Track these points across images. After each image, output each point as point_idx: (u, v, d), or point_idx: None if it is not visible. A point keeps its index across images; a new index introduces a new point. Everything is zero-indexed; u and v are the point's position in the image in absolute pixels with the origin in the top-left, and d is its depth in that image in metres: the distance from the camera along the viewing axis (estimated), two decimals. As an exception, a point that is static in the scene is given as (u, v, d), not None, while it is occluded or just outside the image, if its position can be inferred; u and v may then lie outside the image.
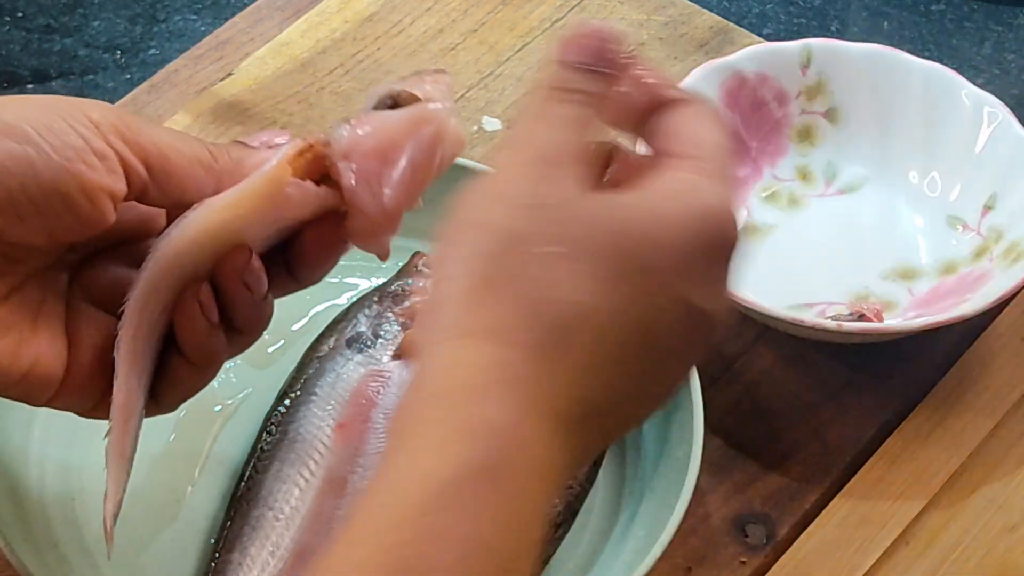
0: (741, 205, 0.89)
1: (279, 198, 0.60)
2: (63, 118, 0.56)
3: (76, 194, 0.56)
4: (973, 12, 2.12)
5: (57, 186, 0.56)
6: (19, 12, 2.10)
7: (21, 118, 0.56)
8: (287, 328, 0.80)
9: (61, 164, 0.55)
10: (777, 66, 0.89)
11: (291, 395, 0.74)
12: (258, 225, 0.60)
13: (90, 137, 0.56)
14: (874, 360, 0.83)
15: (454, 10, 1.00)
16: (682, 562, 0.75)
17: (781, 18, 2.13)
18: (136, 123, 0.58)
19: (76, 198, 0.56)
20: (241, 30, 0.99)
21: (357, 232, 0.62)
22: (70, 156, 0.56)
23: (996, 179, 0.85)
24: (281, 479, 0.71)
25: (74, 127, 0.56)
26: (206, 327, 0.60)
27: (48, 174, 0.55)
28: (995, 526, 0.77)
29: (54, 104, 0.57)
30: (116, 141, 0.57)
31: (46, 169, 0.55)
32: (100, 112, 0.57)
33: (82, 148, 0.56)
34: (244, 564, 0.69)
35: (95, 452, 0.75)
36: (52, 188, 0.55)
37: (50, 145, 0.55)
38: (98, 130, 0.57)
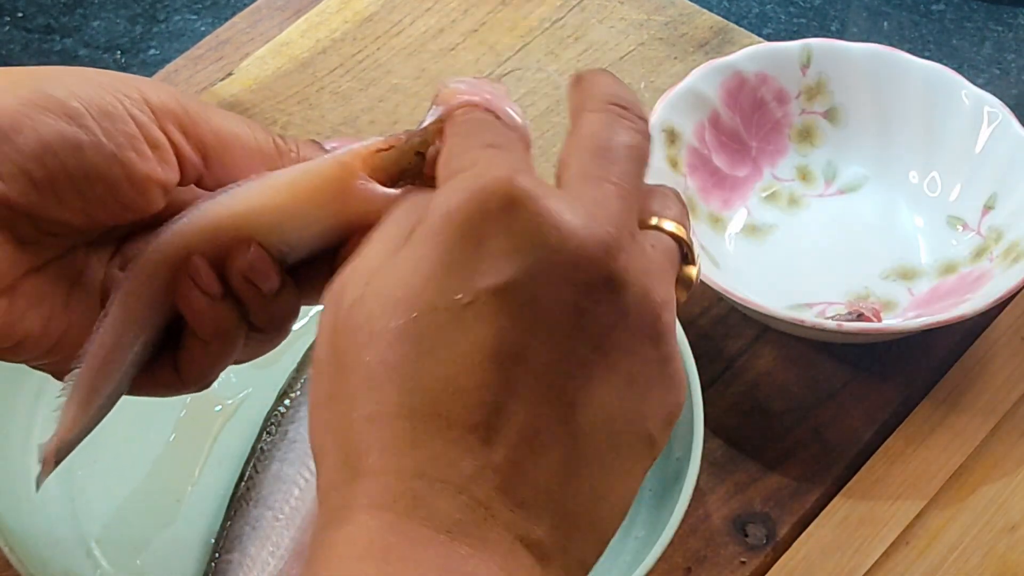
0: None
1: (335, 196, 0.56)
2: (119, 100, 0.54)
3: (122, 182, 0.54)
4: (973, 12, 2.13)
5: (103, 173, 0.53)
6: (19, 12, 2.10)
7: (74, 96, 0.53)
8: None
9: (111, 151, 0.53)
10: (777, 66, 0.89)
11: (291, 395, 0.74)
12: (298, 222, 0.57)
13: (146, 124, 0.54)
14: (874, 360, 0.83)
15: (454, 10, 1.00)
16: (682, 562, 0.75)
17: (781, 18, 2.13)
18: (197, 108, 0.56)
19: (122, 186, 0.54)
20: (241, 30, 0.99)
21: None
22: (121, 143, 0.53)
23: (996, 179, 0.85)
24: (281, 479, 0.71)
25: (130, 111, 0.54)
26: (207, 306, 0.56)
27: (96, 159, 0.53)
28: (995, 526, 0.77)
29: (112, 82, 0.54)
30: (173, 130, 0.55)
31: (95, 154, 0.53)
32: (160, 95, 0.55)
33: (135, 136, 0.54)
34: (244, 564, 0.69)
35: (95, 452, 0.76)
36: (97, 174, 0.53)
37: (102, 129, 0.53)
38: (155, 116, 0.54)
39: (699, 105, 0.87)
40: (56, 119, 0.52)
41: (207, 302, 0.56)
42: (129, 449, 0.76)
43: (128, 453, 0.76)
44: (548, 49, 0.98)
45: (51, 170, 0.53)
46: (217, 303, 0.56)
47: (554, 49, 0.98)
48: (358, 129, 0.93)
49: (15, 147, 0.52)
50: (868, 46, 0.89)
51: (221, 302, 0.56)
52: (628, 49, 0.98)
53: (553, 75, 0.93)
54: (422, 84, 0.96)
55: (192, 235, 0.56)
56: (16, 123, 0.52)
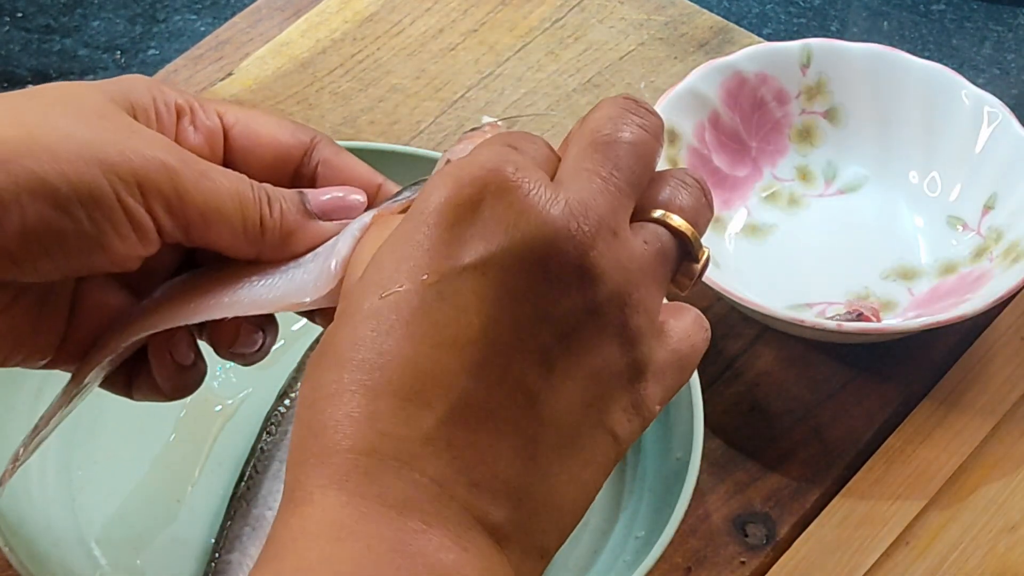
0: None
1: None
2: (111, 183, 0.53)
3: (101, 259, 0.54)
4: (973, 12, 2.12)
5: (82, 253, 0.54)
6: (19, 12, 2.10)
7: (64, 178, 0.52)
8: (287, 328, 0.80)
9: (93, 236, 0.53)
10: (777, 66, 0.89)
11: (291, 395, 0.74)
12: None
13: (132, 207, 0.53)
14: (874, 360, 0.83)
15: (454, 10, 1.00)
16: (682, 562, 0.75)
17: (781, 18, 2.13)
18: (189, 182, 0.54)
19: (100, 261, 0.54)
20: (241, 30, 0.99)
21: None
22: (105, 229, 0.53)
23: (996, 179, 0.85)
24: (281, 479, 0.71)
25: (119, 195, 0.53)
26: (175, 368, 0.58)
27: (77, 244, 0.53)
28: (995, 526, 0.77)
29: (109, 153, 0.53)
30: (159, 210, 0.54)
31: (75, 238, 0.53)
32: (150, 168, 0.53)
33: (120, 221, 0.53)
34: (244, 564, 0.69)
35: (95, 452, 0.76)
36: (77, 254, 0.54)
37: (87, 216, 0.52)
38: (144, 199, 0.53)
39: (699, 105, 0.87)
40: (43, 206, 0.52)
41: (175, 367, 0.58)
42: (129, 449, 0.76)
43: (128, 453, 0.76)
44: (548, 49, 0.98)
45: (31, 251, 0.53)
46: (184, 368, 0.58)
47: (554, 49, 0.98)
48: (358, 129, 0.93)
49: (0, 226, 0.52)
50: (868, 46, 0.89)
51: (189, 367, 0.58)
52: (628, 49, 0.98)
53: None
54: (422, 84, 0.96)
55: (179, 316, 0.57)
56: (4, 202, 0.51)
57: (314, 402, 0.45)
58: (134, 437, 0.76)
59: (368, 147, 0.84)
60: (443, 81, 0.96)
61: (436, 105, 0.95)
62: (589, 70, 0.97)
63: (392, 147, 0.85)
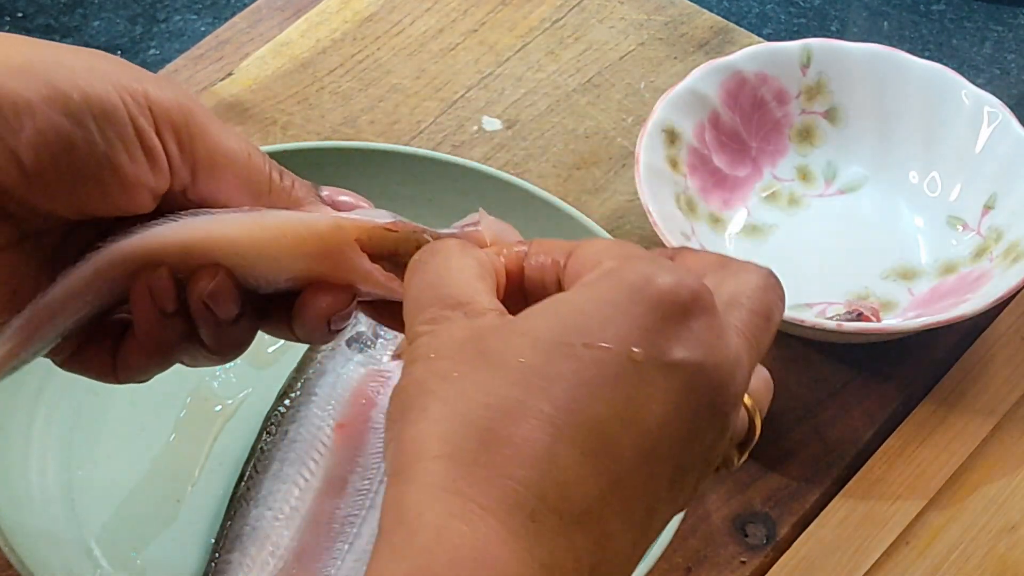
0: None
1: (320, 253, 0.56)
2: (123, 99, 0.54)
3: (111, 183, 0.54)
4: (973, 12, 2.13)
5: (93, 172, 0.54)
6: (19, 12, 2.10)
7: (79, 90, 0.53)
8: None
9: (103, 151, 0.53)
10: (777, 66, 0.89)
11: (291, 395, 0.74)
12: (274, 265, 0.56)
13: (143, 128, 0.54)
14: (874, 360, 0.83)
15: (454, 10, 1.00)
16: (682, 562, 0.75)
17: (781, 18, 2.13)
18: (200, 124, 0.55)
19: (111, 186, 0.54)
20: (241, 30, 0.99)
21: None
22: (115, 145, 0.53)
23: (996, 179, 0.85)
24: (281, 479, 0.71)
25: (131, 113, 0.54)
26: (156, 316, 0.56)
27: (87, 159, 0.53)
28: (995, 526, 0.77)
29: (122, 76, 0.54)
30: (169, 139, 0.55)
31: (87, 153, 0.53)
32: (165, 100, 0.55)
33: (130, 140, 0.54)
34: (244, 564, 0.69)
35: (95, 453, 0.76)
36: (87, 173, 0.54)
37: (98, 129, 0.53)
38: (155, 122, 0.54)
39: (699, 105, 0.87)
40: (56, 114, 0.53)
41: (156, 315, 0.56)
42: (129, 449, 0.76)
43: (128, 453, 0.76)
44: (548, 49, 0.98)
45: (42, 162, 0.53)
46: (166, 318, 0.56)
47: (554, 49, 0.98)
48: (358, 129, 0.93)
49: (12, 131, 0.52)
50: (868, 46, 0.89)
51: (170, 318, 0.56)
52: (628, 49, 0.98)
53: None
54: (422, 84, 0.96)
55: (168, 245, 0.56)
56: (18, 109, 0.52)
57: (485, 406, 0.45)
58: (134, 437, 0.76)
59: (368, 147, 0.84)
60: (443, 81, 0.96)
61: (436, 105, 0.95)
62: (589, 70, 0.97)
63: (392, 147, 0.85)
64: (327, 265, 0.56)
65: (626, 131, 0.93)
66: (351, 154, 0.83)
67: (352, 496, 0.70)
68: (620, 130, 0.94)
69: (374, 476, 0.71)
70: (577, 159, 0.92)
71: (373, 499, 0.70)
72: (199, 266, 0.56)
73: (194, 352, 0.58)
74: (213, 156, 0.56)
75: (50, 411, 0.76)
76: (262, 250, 0.56)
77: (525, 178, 0.86)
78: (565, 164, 0.92)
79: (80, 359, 0.58)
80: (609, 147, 0.93)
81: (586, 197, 0.90)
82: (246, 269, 0.56)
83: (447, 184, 0.83)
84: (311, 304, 0.57)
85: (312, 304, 0.57)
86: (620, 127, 0.94)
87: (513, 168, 0.91)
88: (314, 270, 0.56)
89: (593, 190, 0.90)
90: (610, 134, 0.93)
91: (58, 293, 0.56)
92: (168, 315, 0.56)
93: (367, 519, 0.70)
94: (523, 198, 0.82)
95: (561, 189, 0.90)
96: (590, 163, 0.92)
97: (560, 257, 0.52)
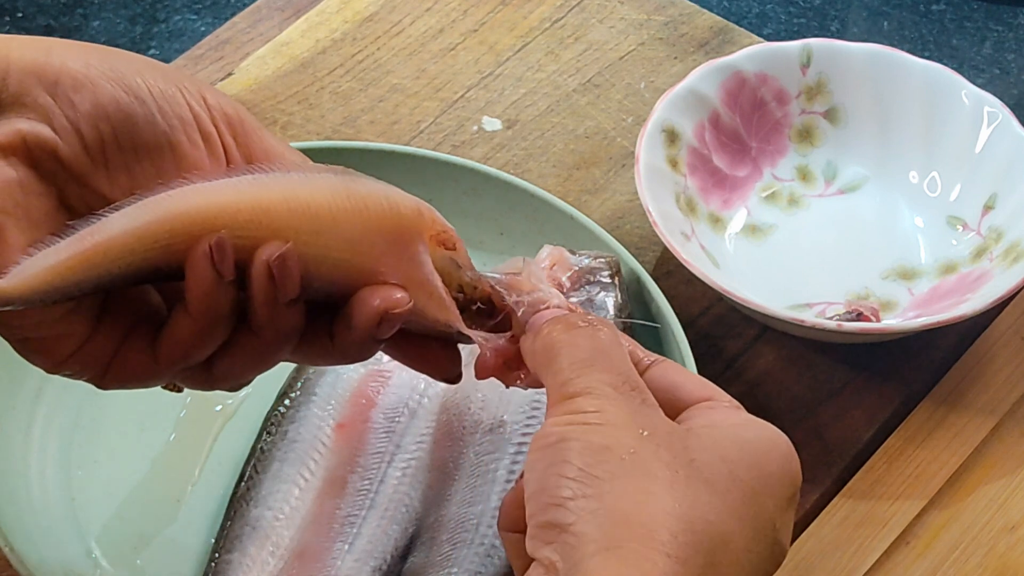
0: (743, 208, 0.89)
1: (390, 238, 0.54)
2: (181, 90, 0.55)
3: (170, 164, 0.54)
4: (973, 12, 2.13)
5: (152, 150, 0.54)
6: (19, 12, 2.10)
7: (139, 73, 0.54)
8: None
9: (163, 129, 0.54)
10: (777, 66, 0.89)
11: (291, 395, 0.74)
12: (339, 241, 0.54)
13: (200, 115, 0.55)
14: (874, 360, 0.83)
15: (454, 10, 1.00)
16: (682, 562, 0.75)
17: (781, 18, 2.13)
18: (252, 123, 0.57)
19: (169, 168, 0.54)
20: (241, 30, 0.99)
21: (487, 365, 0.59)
22: (174, 125, 0.54)
23: (996, 179, 0.85)
24: (281, 479, 0.71)
25: (189, 101, 0.55)
26: (212, 282, 0.54)
27: (147, 134, 0.54)
28: (995, 526, 0.77)
29: (177, 75, 0.56)
30: (225, 131, 0.56)
31: (147, 129, 0.54)
32: (220, 100, 0.56)
33: (188, 121, 0.55)
34: (244, 564, 0.69)
35: (95, 452, 0.76)
36: (146, 150, 0.54)
37: (158, 107, 0.54)
38: (210, 113, 0.55)
39: (699, 105, 0.87)
40: (116, 88, 0.54)
41: (214, 279, 0.54)
42: (129, 449, 0.76)
43: (128, 453, 0.76)
44: (548, 49, 0.98)
45: (103, 134, 0.54)
46: (222, 285, 0.54)
47: (554, 49, 0.98)
48: (358, 129, 0.93)
49: (72, 104, 0.53)
50: (868, 46, 0.89)
51: (227, 286, 0.55)
52: (628, 49, 0.98)
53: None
54: (422, 84, 0.96)
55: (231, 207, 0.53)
56: (78, 84, 0.53)
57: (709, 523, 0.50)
58: (134, 437, 0.76)
59: (368, 147, 0.84)
60: (443, 81, 0.96)
61: (436, 105, 0.95)
62: (589, 70, 0.97)
63: (392, 147, 0.85)
64: (394, 253, 0.55)
65: (626, 131, 0.93)
66: (351, 154, 0.83)
67: (352, 496, 0.70)
68: (620, 130, 0.94)
69: (374, 476, 0.71)
70: (577, 159, 0.92)
71: (373, 499, 0.70)
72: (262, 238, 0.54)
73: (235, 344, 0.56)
74: (269, 154, 0.56)
75: (50, 411, 0.76)
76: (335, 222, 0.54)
77: (525, 178, 0.86)
78: (565, 164, 0.92)
79: (120, 368, 0.57)
80: (609, 147, 0.93)
81: (586, 197, 0.90)
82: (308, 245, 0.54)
83: (447, 184, 0.83)
84: (366, 299, 0.56)
85: (367, 299, 0.56)
86: (620, 127, 0.94)
87: (513, 168, 0.91)
88: (374, 260, 0.55)
89: (593, 190, 0.90)
90: (610, 134, 0.93)
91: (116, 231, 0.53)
92: (224, 283, 0.54)
93: (367, 519, 0.70)
94: (523, 198, 0.82)
95: (561, 189, 0.90)
96: (590, 163, 0.92)
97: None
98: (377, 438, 0.72)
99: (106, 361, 0.57)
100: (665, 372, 0.57)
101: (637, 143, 0.84)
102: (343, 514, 0.70)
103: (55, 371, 0.56)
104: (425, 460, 0.71)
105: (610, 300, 0.75)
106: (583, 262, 0.77)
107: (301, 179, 0.55)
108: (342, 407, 0.73)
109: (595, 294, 0.76)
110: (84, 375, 0.57)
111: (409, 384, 0.74)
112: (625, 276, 0.78)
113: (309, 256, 0.55)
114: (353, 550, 0.69)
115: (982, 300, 0.79)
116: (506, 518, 0.57)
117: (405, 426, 0.72)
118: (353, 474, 0.71)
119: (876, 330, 0.79)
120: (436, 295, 0.56)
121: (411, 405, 0.73)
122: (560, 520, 0.49)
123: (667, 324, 0.76)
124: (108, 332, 0.56)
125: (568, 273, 0.76)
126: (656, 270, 0.86)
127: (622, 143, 0.93)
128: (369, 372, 0.74)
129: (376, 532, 0.69)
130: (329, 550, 0.69)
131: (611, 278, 0.76)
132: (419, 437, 0.72)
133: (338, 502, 0.70)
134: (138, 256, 0.54)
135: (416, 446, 0.72)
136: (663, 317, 0.76)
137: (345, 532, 0.69)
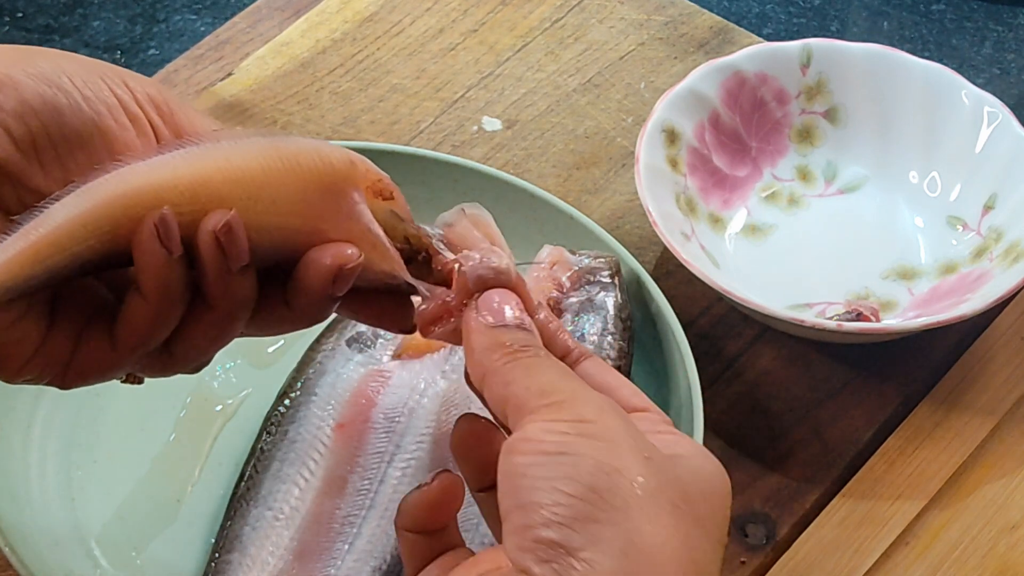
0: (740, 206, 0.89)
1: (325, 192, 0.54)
2: (102, 77, 0.56)
3: (102, 151, 0.55)
4: (973, 12, 2.13)
5: (83, 139, 0.54)
6: (19, 12, 2.10)
7: (60, 69, 0.55)
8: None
9: (90, 116, 0.55)
10: (777, 66, 0.89)
11: (291, 395, 0.74)
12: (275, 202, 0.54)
13: (125, 99, 0.56)
14: (874, 360, 0.83)
15: (454, 10, 1.00)
16: (682, 562, 0.75)
17: (781, 18, 2.13)
18: (176, 101, 0.57)
19: (102, 155, 0.55)
20: (241, 30, 0.99)
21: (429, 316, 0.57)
22: (100, 111, 0.55)
23: (996, 179, 0.85)
24: (281, 479, 0.71)
25: (111, 86, 0.56)
26: (163, 260, 0.54)
27: (76, 124, 0.54)
28: (995, 526, 0.77)
29: (96, 64, 0.56)
30: (151, 111, 0.56)
31: (74, 118, 0.54)
32: (141, 83, 0.57)
33: (114, 106, 0.55)
34: (244, 564, 0.69)
35: (95, 452, 0.76)
36: (78, 139, 0.54)
37: (82, 96, 0.55)
38: (134, 96, 0.56)
39: (699, 105, 0.87)
40: (38, 83, 0.54)
41: (163, 257, 0.54)
42: (129, 449, 0.76)
43: (128, 453, 0.76)
44: (548, 49, 0.98)
45: (32, 130, 0.54)
46: (172, 262, 0.54)
47: (554, 49, 0.98)
48: (358, 129, 0.93)
49: None
50: (868, 46, 0.89)
51: (176, 262, 0.54)
52: (628, 49, 0.98)
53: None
54: (422, 84, 0.96)
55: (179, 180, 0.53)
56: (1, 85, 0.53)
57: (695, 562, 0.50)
58: (134, 437, 0.76)
59: (368, 147, 0.84)
60: (443, 81, 0.96)
61: (436, 105, 0.95)
62: (589, 70, 0.97)
63: (392, 147, 0.85)
64: (332, 207, 0.55)
65: (626, 131, 0.93)
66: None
67: (352, 496, 0.70)
68: (620, 130, 0.94)
69: (374, 476, 0.71)
70: (577, 159, 0.92)
71: (373, 499, 0.70)
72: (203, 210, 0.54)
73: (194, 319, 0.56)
74: (196, 129, 0.57)
75: (50, 411, 0.76)
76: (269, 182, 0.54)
77: (525, 178, 0.86)
78: (565, 164, 0.92)
79: (80, 365, 0.56)
80: (609, 147, 0.93)
81: (586, 197, 0.90)
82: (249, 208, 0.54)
83: (447, 184, 0.83)
84: (318, 259, 0.55)
85: (318, 259, 0.55)
86: (620, 127, 0.94)
87: (513, 168, 0.91)
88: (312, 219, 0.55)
89: (593, 190, 0.90)
90: (610, 134, 0.93)
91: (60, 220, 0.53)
92: (172, 259, 0.54)
93: (367, 519, 0.70)
94: (523, 198, 0.82)
95: (561, 189, 0.90)
96: (590, 163, 0.92)
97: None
98: (377, 438, 0.72)
99: (65, 360, 0.56)
100: (599, 371, 0.56)
101: (637, 143, 0.84)
102: (343, 514, 0.70)
103: (14, 379, 0.56)
104: (425, 460, 0.71)
105: (610, 300, 0.75)
106: (583, 262, 0.77)
107: (232, 147, 0.55)
108: (342, 407, 0.73)
109: (595, 294, 0.76)
110: (44, 378, 0.56)
111: (409, 384, 0.74)
112: (625, 276, 0.78)
113: (251, 222, 0.55)
114: (353, 550, 0.69)
115: (982, 300, 0.79)
116: (410, 518, 0.56)
117: (405, 426, 0.72)
118: (353, 474, 0.71)
119: (876, 330, 0.79)
120: (380, 245, 0.56)
121: (411, 405, 0.73)
122: (566, 542, 0.48)
123: (667, 324, 0.76)
124: (63, 331, 0.56)
125: (568, 273, 0.76)
126: (656, 270, 0.86)
127: (622, 143, 0.93)
128: (369, 372, 0.74)
129: (376, 532, 0.69)
130: (329, 550, 0.69)
131: (611, 278, 0.76)
132: (419, 437, 0.72)
133: (338, 502, 0.70)
134: (85, 243, 0.53)
135: (416, 446, 0.72)
136: (663, 317, 0.76)
137: (345, 532, 0.69)
